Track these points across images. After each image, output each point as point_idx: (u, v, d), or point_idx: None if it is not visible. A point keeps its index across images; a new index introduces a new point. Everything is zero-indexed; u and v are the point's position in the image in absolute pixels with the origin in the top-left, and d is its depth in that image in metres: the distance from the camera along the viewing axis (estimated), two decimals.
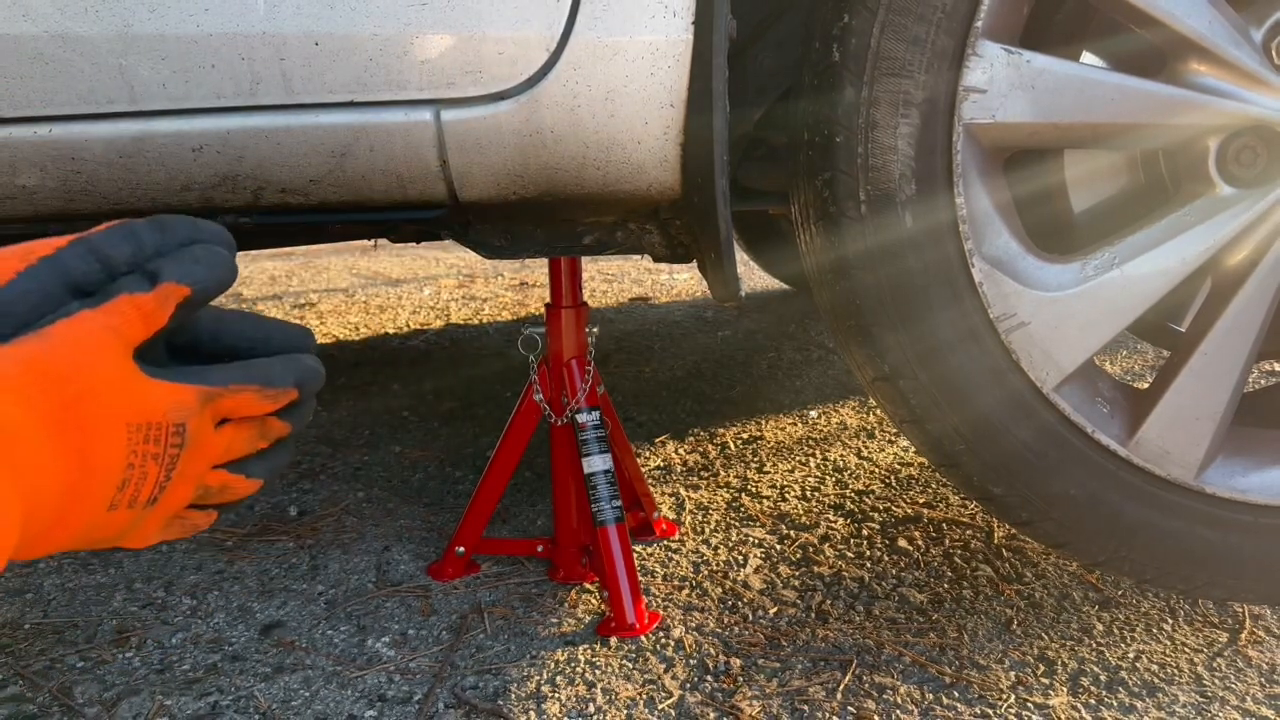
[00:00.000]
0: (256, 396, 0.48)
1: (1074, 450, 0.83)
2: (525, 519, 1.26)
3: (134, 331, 0.44)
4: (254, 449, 0.50)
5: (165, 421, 0.44)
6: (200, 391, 0.45)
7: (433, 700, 0.87)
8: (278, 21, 0.71)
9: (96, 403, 0.41)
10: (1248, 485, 0.86)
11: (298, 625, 1.01)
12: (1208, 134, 0.80)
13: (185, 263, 0.46)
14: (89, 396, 0.41)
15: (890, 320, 0.82)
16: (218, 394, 0.46)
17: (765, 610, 1.01)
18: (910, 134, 0.78)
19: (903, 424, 0.89)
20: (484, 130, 0.74)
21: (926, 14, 0.76)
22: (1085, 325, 0.81)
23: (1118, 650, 0.93)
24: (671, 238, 0.87)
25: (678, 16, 0.71)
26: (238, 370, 0.48)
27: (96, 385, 0.41)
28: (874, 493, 1.31)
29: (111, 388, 0.42)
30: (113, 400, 0.42)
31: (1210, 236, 0.80)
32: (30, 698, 0.89)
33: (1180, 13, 0.77)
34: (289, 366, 0.50)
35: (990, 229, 0.81)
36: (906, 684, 0.88)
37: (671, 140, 0.74)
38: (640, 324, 2.41)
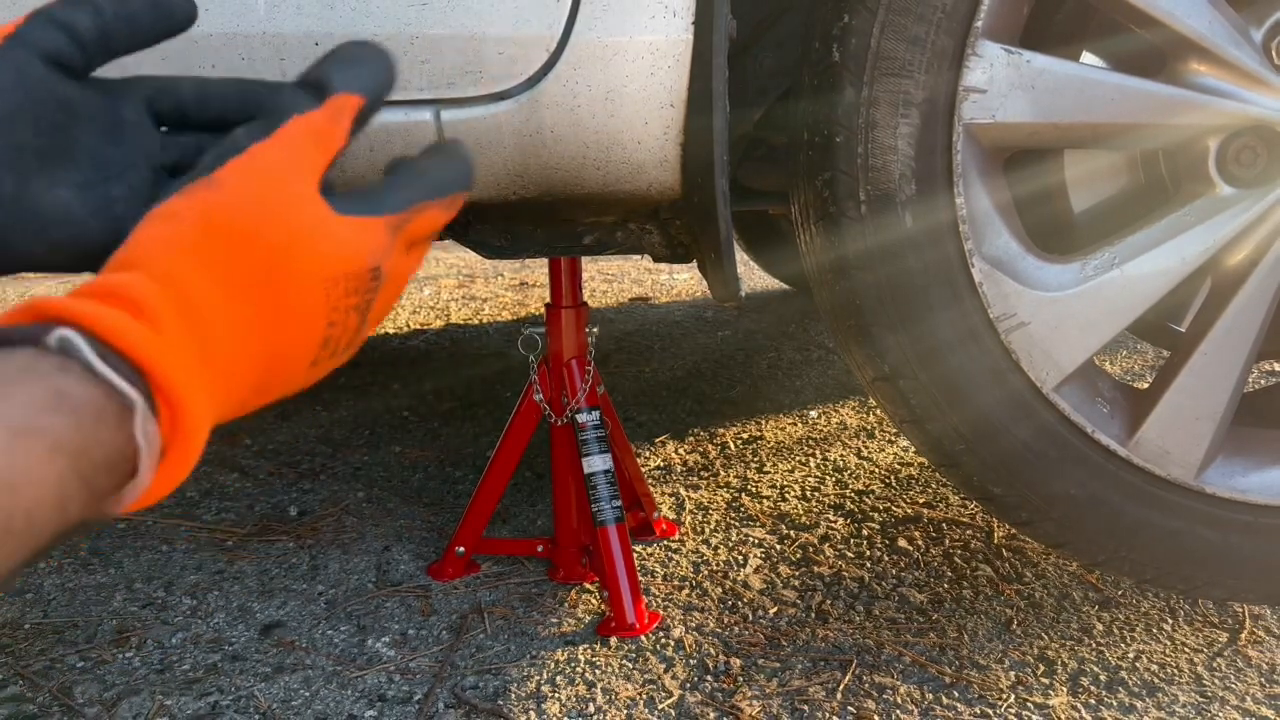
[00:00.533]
0: (439, 210, 0.44)
1: (1074, 450, 0.83)
2: (525, 519, 1.26)
3: (313, 160, 0.39)
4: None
5: (362, 269, 0.39)
6: (390, 222, 0.41)
7: (433, 700, 0.87)
8: (278, 22, 0.71)
9: (289, 259, 0.37)
10: (1247, 485, 0.86)
11: (298, 625, 1.01)
12: (1208, 134, 0.80)
13: (348, 66, 0.42)
14: (280, 253, 0.36)
15: (890, 320, 0.82)
16: (405, 220, 0.42)
17: (765, 610, 1.01)
18: (910, 134, 0.78)
19: (903, 424, 0.89)
20: (484, 130, 0.74)
21: (926, 14, 0.76)
22: (1085, 325, 0.81)
23: (1118, 650, 0.93)
24: (671, 238, 0.87)
25: (678, 16, 0.71)
26: (416, 187, 0.43)
27: (286, 238, 0.37)
28: (874, 493, 1.31)
29: (302, 238, 0.37)
30: (303, 252, 0.37)
31: (1210, 236, 0.80)
32: (30, 698, 0.89)
33: (1180, 13, 0.77)
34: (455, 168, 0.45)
35: (990, 229, 0.81)
36: (906, 684, 0.88)
37: (671, 140, 0.74)
38: (640, 324, 2.41)
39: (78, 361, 0.30)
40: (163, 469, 0.33)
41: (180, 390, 0.32)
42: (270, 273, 0.36)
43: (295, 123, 0.39)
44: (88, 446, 0.29)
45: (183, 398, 0.32)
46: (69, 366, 0.30)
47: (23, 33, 0.41)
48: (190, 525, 1.25)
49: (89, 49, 0.43)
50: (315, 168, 0.39)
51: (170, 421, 0.32)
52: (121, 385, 0.31)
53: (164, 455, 0.32)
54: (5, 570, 0.28)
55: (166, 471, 0.33)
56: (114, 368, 0.31)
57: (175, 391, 0.32)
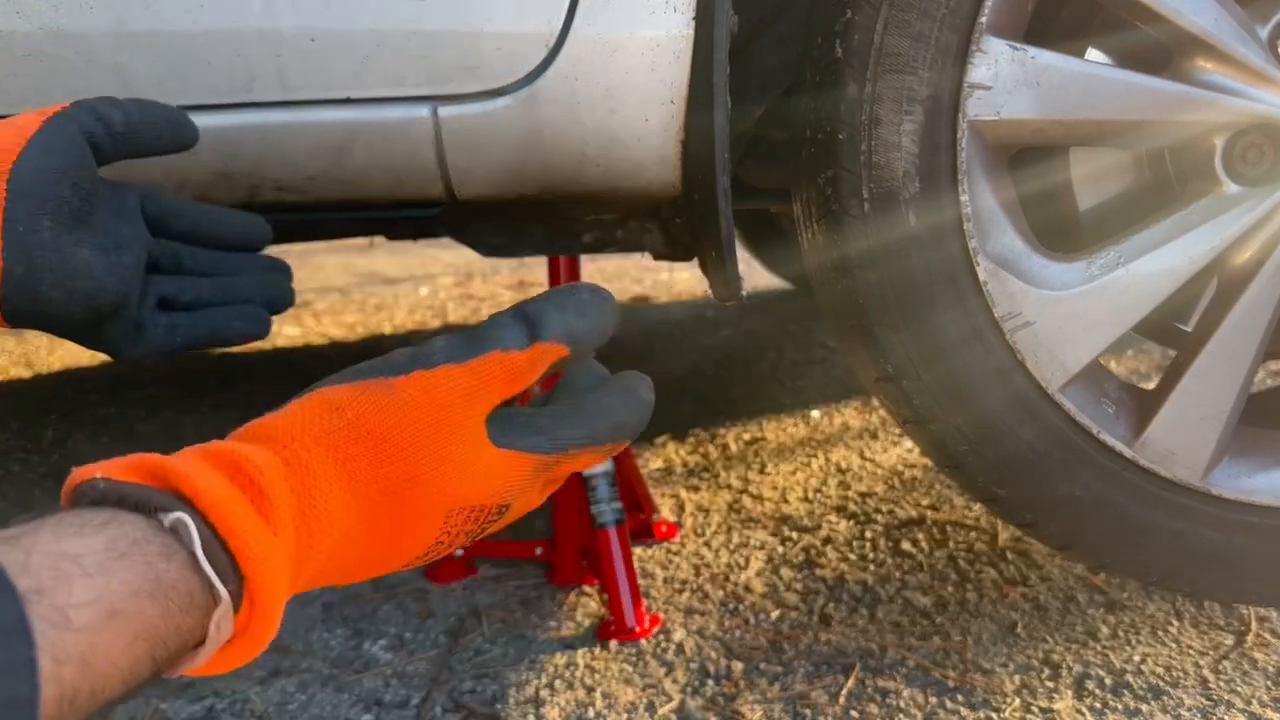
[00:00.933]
0: (593, 457, 0.42)
1: (1079, 451, 0.82)
2: (524, 521, 1.25)
3: (495, 395, 0.39)
4: None
5: (492, 503, 0.39)
6: (538, 463, 0.40)
7: (430, 704, 0.86)
8: (274, 17, 0.70)
9: (426, 486, 0.37)
10: (1254, 486, 0.85)
11: (293, 628, 1.00)
12: (1214, 131, 0.79)
13: (569, 314, 0.41)
14: (421, 480, 0.36)
15: (893, 320, 0.81)
16: (556, 462, 0.41)
17: (767, 613, 1.00)
18: (914, 131, 0.77)
19: (906, 425, 0.88)
20: (482, 127, 0.73)
21: (930, 9, 0.75)
22: (1091, 325, 0.80)
23: (1123, 653, 0.92)
24: (672, 236, 0.86)
25: (679, 12, 0.70)
26: (582, 427, 0.41)
27: (433, 467, 0.37)
28: (877, 494, 1.30)
29: (447, 469, 0.37)
30: (443, 483, 0.37)
31: (1216, 235, 0.79)
32: None
33: (1186, 9, 0.76)
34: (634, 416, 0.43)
35: (995, 227, 0.80)
36: (910, 688, 0.87)
37: (672, 137, 0.73)
38: (640, 324, 2.40)
39: (185, 550, 0.31)
40: (224, 653, 0.33)
41: (268, 594, 0.32)
42: (401, 491, 0.36)
43: (495, 358, 0.39)
44: (168, 634, 0.30)
45: (268, 600, 0.32)
46: (175, 553, 0.31)
47: (72, 111, 0.50)
48: None
49: (116, 140, 0.52)
50: (494, 400, 0.39)
51: (248, 616, 0.33)
52: (217, 585, 0.31)
53: (230, 641, 0.33)
54: None
55: (227, 656, 0.33)
56: (216, 563, 0.31)
57: (263, 594, 0.32)
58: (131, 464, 0.32)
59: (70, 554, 0.28)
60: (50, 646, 0.27)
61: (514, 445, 0.39)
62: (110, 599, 0.28)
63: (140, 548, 0.30)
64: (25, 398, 1.88)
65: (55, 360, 2.16)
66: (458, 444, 0.37)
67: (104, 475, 0.32)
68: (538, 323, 0.41)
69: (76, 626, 0.27)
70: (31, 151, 0.46)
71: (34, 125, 0.48)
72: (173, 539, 0.31)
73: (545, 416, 0.41)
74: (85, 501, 0.32)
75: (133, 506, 0.31)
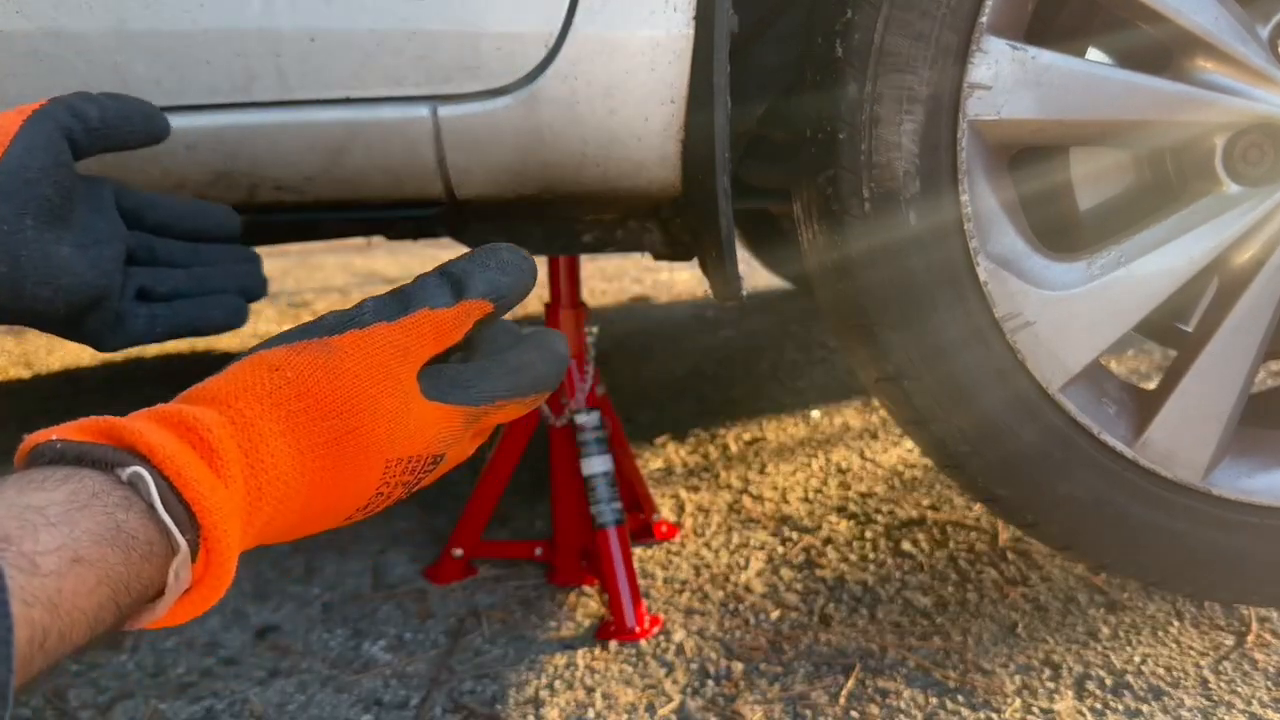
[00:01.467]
0: (518, 408, 0.45)
1: (1080, 451, 0.82)
2: (524, 521, 1.25)
3: (425, 350, 0.41)
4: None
5: (427, 453, 0.41)
6: (468, 414, 0.43)
7: (430, 705, 0.86)
8: (273, 17, 0.70)
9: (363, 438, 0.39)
10: (1255, 487, 0.85)
11: (293, 629, 1.00)
12: (1214, 131, 0.79)
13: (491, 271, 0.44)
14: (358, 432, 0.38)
15: (894, 320, 0.81)
16: (484, 413, 0.43)
17: (767, 614, 1.00)
18: (914, 131, 0.77)
19: (907, 425, 0.88)
20: (482, 127, 0.73)
21: (931, 9, 0.75)
22: (1091, 325, 0.80)
23: (1123, 654, 0.92)
24: (672, 235, 0.86)
25: (679, 11, 0.70)
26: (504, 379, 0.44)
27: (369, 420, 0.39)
28: (877, 495, 1.30)
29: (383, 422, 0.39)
30: (381, 435, 0.39)
31: (1217, 235, 0.79)
32: (24, 701, 0.88)
33: (1186, 9, 0.76)
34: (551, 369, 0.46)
35: (995, 227, 0.80)
36: (910, 688, 0.87)
37: (672, 137, 0.73)
38: (640, 324, 2.40)
39: (143, 500, 0.32)
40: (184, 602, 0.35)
41: (223, 542, 0.34)
42: (341, 442, 0.38)
43: (424, 315, 0.41)
44: (130, 580, 0.32)
45: (223, 548, 0.34)
46: (133, 503, 0.32)
47: (49, 109, 0.50)
48: None
49: (92, 136, 0.52)
50: (424, 356, 0.41)
51: (204, 565, 0.34)
52: (175, 533, 0.33)
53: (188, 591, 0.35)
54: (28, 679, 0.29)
55: (186, 605, 0.35)
56: (173, 514, 0.33)
57: (219, 543, 0.34)
58: (85, 426, 0.34)
59: (34, 505, 0.30)
60: (20, 590, 0.28)
61: (445, 399, 0.42)
62: (74, 546, 0.30)
63: (100, 499, 0.31)
64: (24, 398, 1.88)
65: (54, 360, 2.16)
66: (393, 398, 0.39)
67: (60, 437, 0.33)
68: (463, 281, 0.43)
69: (44, 571, 0.29)
70: (14, 152, 0.47)
71: (15, 125, 0.48)
72: (130, 491, 0.32)
73: (471, 372, 0.44)
74: (43, 461, 0.33)
75: (90, 463, 0.33)
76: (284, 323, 2.53)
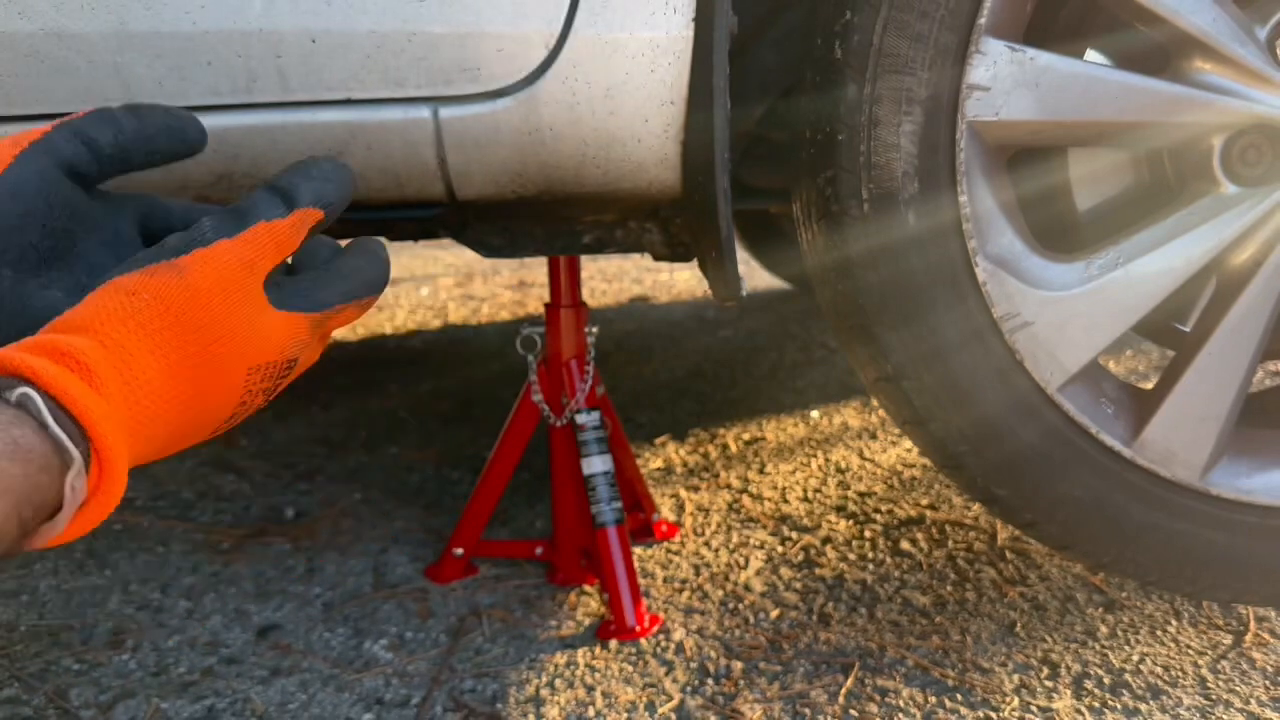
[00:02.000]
0: (356, 310, 0.49)
1: (1078, 451, 0.83)
2: (524, 521, 1.25)
3: (268, 261, 0.44)
4: None
5: (281, 359, 0.45)
6: (313, 320, 0.46)
7: (430, 703, 0.86)
8: (274, 18, 0.71)
9: (224, 350, 0.41)
10: (1252, 486, 0.85)
11: (294, 628, 1.00)
12: (1212, 132, 0.79)
13: (316, 181, 0.47)
14: (218, 344, 0.41)
15: (893, 320, 0.81)
16: (327, 319, 0.47)
17: (766, 613, 1.00)
18: (913, 132, 0.77)
19: (906, 425, 0.88)
20: (482, 128, 0.73)
21: (929, 10, 0.75)
22: (1090, 325, 0.80)
23: (1122, 652, 0.92)
24: (672, 236, 0.86)
25: (678, 13, 0.70)
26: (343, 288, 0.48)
27: (227, 332, 0.41)
28: (876, 494, 1.30)
29: (239, 332, 0.42)
30: (239, 346, 0.42)
31: (1215, 235, 0.80)
32: (26, 700, 0.88)
33: (1184, 10, 0.76)
34: (377, 271, 0.50)
35: (994, 228, 0.80)
36: (909, 687, 0.87)
37: (672, 138, 0.74)
38: (640, 324, 2.40)
39: (33, 418, 0.35)
40: (82, 515, 0.37)
41: (113, 451, 0.36)
42: (205, 354, 0.41)
43: (261, 227, 0.44)
44: (29, 491, 0.34)
45: (114, 458, 0.36)
46: (24, 420, 0.34)
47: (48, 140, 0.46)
48: (186, 527, 1.24)
49: (105, 163, 0.48)
50: (268, 267, 0.44)
51: (98, 476, 0.36)
52: (67, 444, 0.35)
53: (85, 503, 0.37)
54: None
55: (85, 517, 0.37)
56: (63, 427, 0.35)
57: (109, 452, 0.36)
58: None
59: None
60: None
61: (291, 307, 0.45)
62: None
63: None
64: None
65: None
66: (245, 308, 0.42)
67: None
68: (292, 192, 0.46)
69: None
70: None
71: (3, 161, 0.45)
72: (20, 411, 0.34)
73: (307, 281, 0.47)
74: None
75: None
76: None
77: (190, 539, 1.21)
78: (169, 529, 1.23)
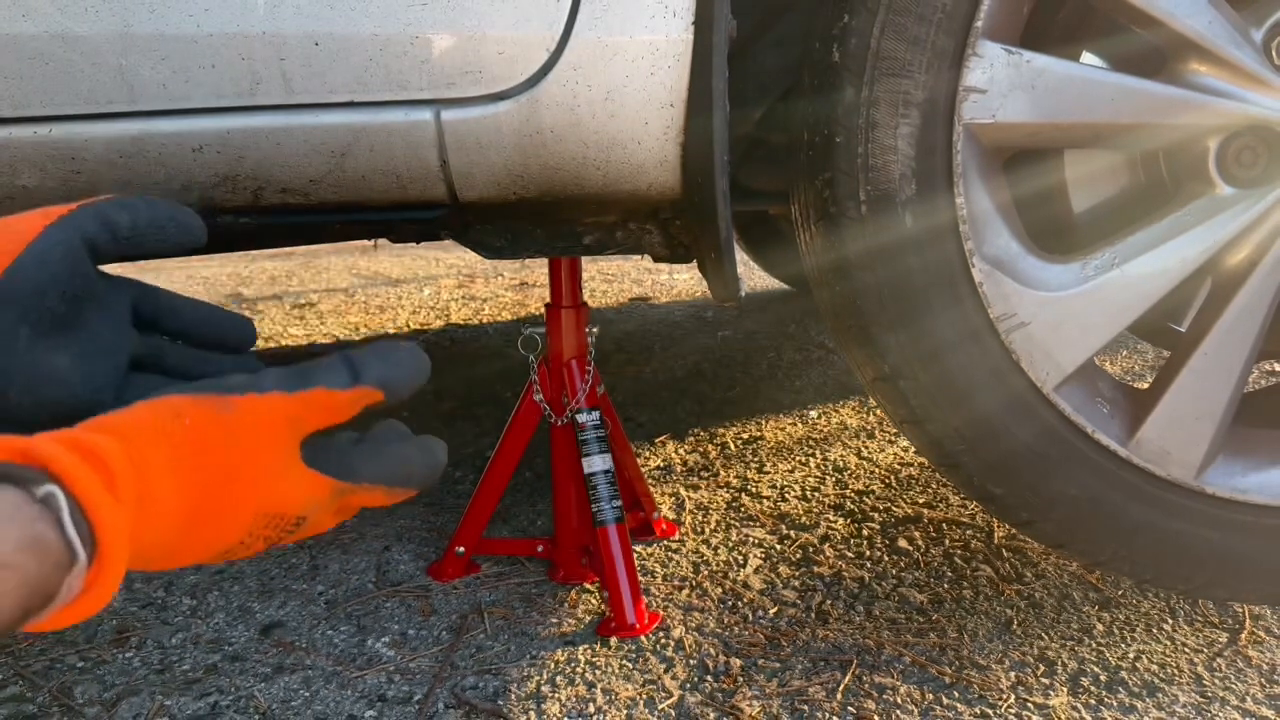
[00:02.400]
0: (384, 496, 0.49)
1: (1074, 450, 0.83)
2: (525, 519, 1.26)
3: (313, 424, 0.45)
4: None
5: (293, 514, 0.45)
6: (336, 487, 0.47)
7: (432, 700, 0.87)
8: (278, 21, 0.71)
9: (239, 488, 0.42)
10: (1248, 485, 0.86)
11: (297, 625, 1.01)
12: (1208, 134, 0.80)
13: (388, 365, 0.48)
14: (236, 482, 0.42)
15: (890, 321, 0.82)
16: (350, 490, 0.47)
17: (765, 610, 1.01)
18: (910, 134, 0.78)
19: (903, 424, 0.89)
20: (484, 130, 0.74)
21: (926, 14, 0.76)
22: (1086, 325, 0.81)
23: (1118, 650, 0.93)
24: (672, 238, 0.87)
25: (678, 16, 0.71)
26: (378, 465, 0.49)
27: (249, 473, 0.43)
28: (874, 493, 1.31)
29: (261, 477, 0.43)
30: (256, 489, 0.43)
31: (1210, 237, 0.80)
32: (30, 698, 0.89)
33: (1180, 13, 0.76)
34: (425, 468, 0.51)
35: (990, 229, 0.81)
36: (907, 684, 0.88)
37: (672, 140, 0.74)
38: (640, 324, 2.41)
39: (55, 515, 0.37)
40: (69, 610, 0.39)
41: (115, 557, 0.38)
42: (221, 491, 0.42)
43: (320, 393, 0.46)
44: (41, 584, 0.35)
45: (114, 562, 0.38)
46: (47, 517, 0.36)
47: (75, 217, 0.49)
48: None
49: (121, 244, 0.51)
50: (310, 429, 0.45)
51: (94, 576, 0.38)
52: (78, 547, 0.37)
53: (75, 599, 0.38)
54: None
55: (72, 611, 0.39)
56: (78, 529, 0.37)
57: (111, 557, 0.38)
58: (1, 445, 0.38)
59: None
60: None
61: (320, 468, 0.46)
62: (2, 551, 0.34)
63: (21, 511, 0.35)
64: None
65: None
66: (273, 457, 0.44)
67: None
68: (360, 368, 0.47)
69: None
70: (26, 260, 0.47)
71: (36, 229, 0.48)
72: (43, 508, 0.36)
73: (352, 452, 0.49)
74: None
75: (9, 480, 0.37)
76: (289, 323, 2.54)
77: None
78: None
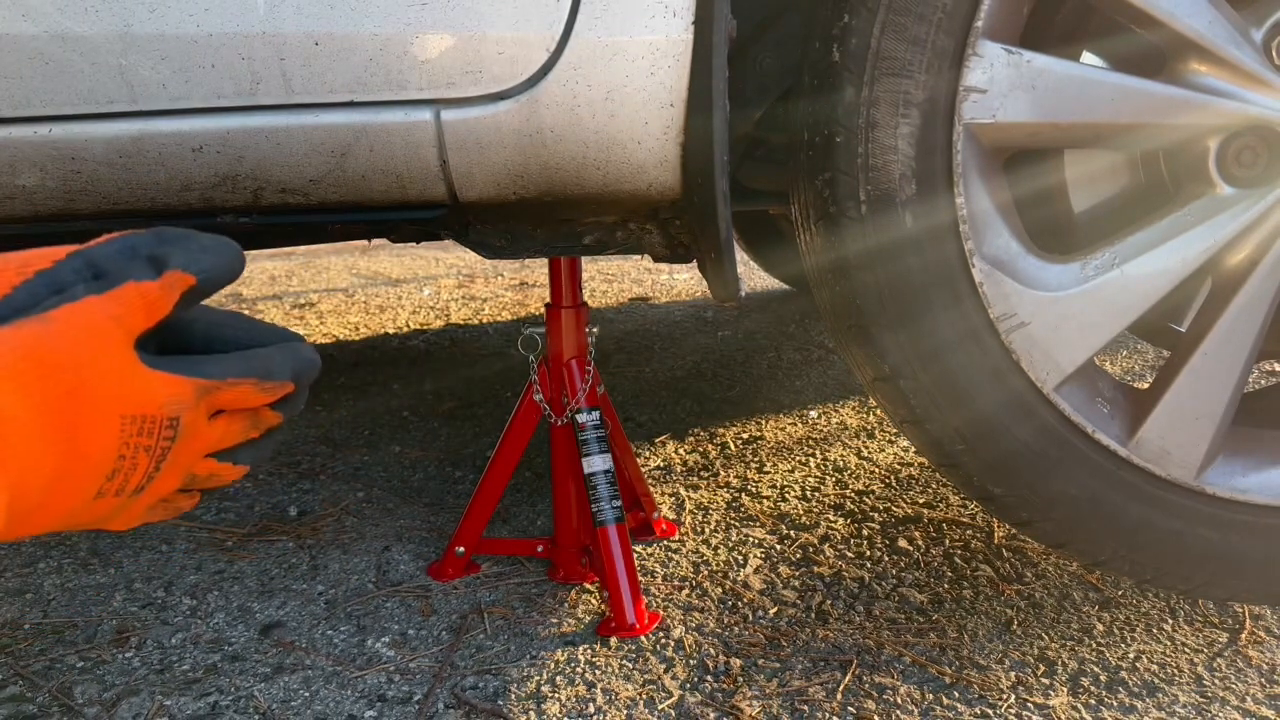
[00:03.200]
0: (254, 389, 0.48)
1: (1074, 450, 0.83)
2: (525, 519, 1.26)
3: (137, 320, 0.44)
4: (245, 439, 0.50)
5: (160, 415, 0.44)
6: (197, 385, 0.45)
7: (432, 700, 0.87)
8: (278, 21, 0.71)
9: (93, 394, 0.41)
10: (1248, 485, 0.86)
11: (297, 625, 1.01)
12: (1208, 134, 0.80)
13: (193, 250, 0.46)
14: (86, 387, 0.41)
15: (890, 321, 0.82)
16: (215, 387, 0.46)
17: (765, 610, 1.01)
18: (910, 134, 0.78)
19: (903, 424, 0.89)
20: (484, 130, 0.74)
21: (927, 14, 0.76)
22: (1086, 325, 0.81)
23: (1118, 650, 0.93)
24: (671, 238, 0.87)
25: (678, 16, 0.71)
26: (236, 362, 0.48)
27: (94, 376, 0.42)
28: (874, 493, 1.31)
29: (109, 379, 0.42)
30: (109, 392, 0.42)
31: (1210, 236, 0.80)
32: (30, 698, 0.89)
33: (1181, 12, 0.76)
34: (287, 358, 0.50)
35: (990, 229, 0.81)
36: (907, 684, 0.88)
37: (671, 140, 0.74)
38: (640, 324, 2.41)
39: None
40: None
41: None
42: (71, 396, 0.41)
43: (131, 287, 0.44)
44: None
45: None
46: None
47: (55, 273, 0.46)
48: (190, 525, 1.25)
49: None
50: (137, 326, 0.44)
51: None
52: None
53: None
54: None
55: None
56: None
57: None
58: None
59: None
60: None
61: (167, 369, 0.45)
62: None
63: None
64: None
65: None
66: (110, 357, 0.43)
67: None
68: (164, 257, 0.46)
69: None
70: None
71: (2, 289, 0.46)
72: None
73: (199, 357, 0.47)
74: None
75: None
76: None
77: (194, 537, 1.22)
78: (173, 527, 1.24)
